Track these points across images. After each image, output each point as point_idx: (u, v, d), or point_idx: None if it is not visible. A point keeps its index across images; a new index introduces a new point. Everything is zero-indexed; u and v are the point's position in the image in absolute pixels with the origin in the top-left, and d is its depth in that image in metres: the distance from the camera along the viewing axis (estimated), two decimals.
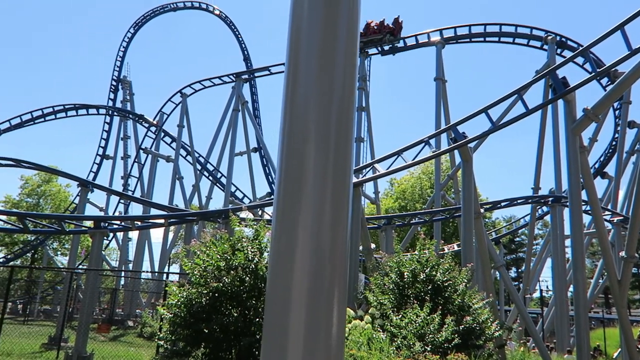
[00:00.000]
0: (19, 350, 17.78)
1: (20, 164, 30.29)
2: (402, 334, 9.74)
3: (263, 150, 40.97)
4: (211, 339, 8.83)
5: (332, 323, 1.55)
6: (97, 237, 18.32)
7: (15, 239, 48.99)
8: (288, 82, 1.71)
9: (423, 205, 42.33)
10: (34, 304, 41.15)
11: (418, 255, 12.24)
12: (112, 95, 46.89)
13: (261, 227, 9.74)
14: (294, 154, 1.63)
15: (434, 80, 32.85)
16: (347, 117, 1.68)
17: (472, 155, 18.50)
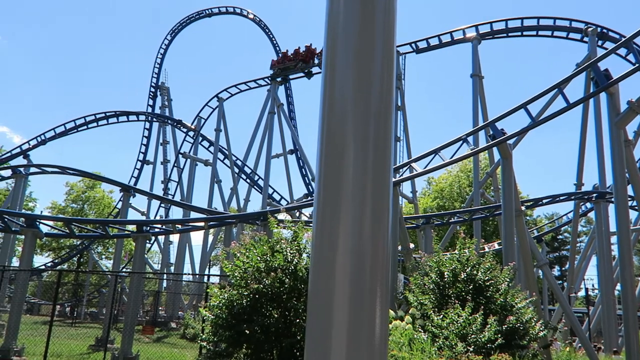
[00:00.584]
0: (68, 351, 18.33)
1: (65, 170, 31.22)
2: (443, 334, 9.64)
3: (299, 152, 41.14)
4: (252, 340, 8.91)
5: (375, 323, 1.55)
6: (140, 241, 18.72)
7: (62, 243, 50.61)
8: (326, 84, 1.72)
9: (462, 204, 41.75)
10: (80, 307, 42.32)
11: (458, 254, 12.09)
12: (151, 101, 47.94)
13: (299, 228, 9.78)
14: (333, 155, 1.64)
15: (470, 77, 32.38)
16: (386, 117, 1.68)
17: (511, 152, 18.15)
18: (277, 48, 45.87)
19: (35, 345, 17.71)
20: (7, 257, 27.03)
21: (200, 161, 41.03)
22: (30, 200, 50.81)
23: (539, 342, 12.00)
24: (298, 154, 41.79)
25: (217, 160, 39.93)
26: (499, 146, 17.89)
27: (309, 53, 37.36)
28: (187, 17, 48.11)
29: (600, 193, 24.27)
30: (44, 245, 50.63)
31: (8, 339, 16.28)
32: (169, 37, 48.51)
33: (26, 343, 17.35)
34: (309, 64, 37.57)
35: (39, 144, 39.35)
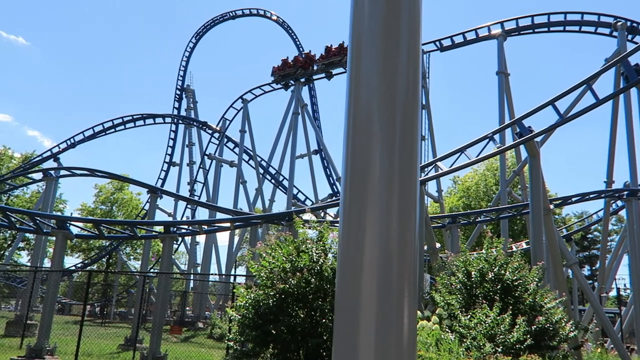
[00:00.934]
0: (99, 350, 18.65)
1: (94, 173, 31.78)
2: (471, 334, 9.54)
3: (323, 152, 41.15)
4: (279, 340, 8.94)
5: (403, 323, 1.54)
6: (167, 242, 18.94)
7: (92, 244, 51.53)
8: (351, 84, 1.72)
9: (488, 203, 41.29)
10: (110, 307, 43.04)
11: (485, 254, 11.95)
12: (177, 104, 48.52)
13: (325, 228, 9.78)
14: (359, 155, 1.63)
15: (496, 74, 31.99)
16: (412, 115, 1.67)
17: (539, 150, 17.88)
18: (300, 49, 45.98)
19: (66, 345, 18.06)
20: (39, 258, 27.64)
21: (226, 162, 41.36)
22: (60, 202, 51.84)
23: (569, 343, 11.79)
24: (322, 154, 41.82)
25: (242, 161, 40.20)
26: (526, 144, 17.64)
27: (307, 60, 38.42)
28: (212, 20, 48.57)
29: (631, 191, 23.76)
30: (74, 247, 51.63)
31: (41, 338, 16.64)
32: (194, 40, 49.04)
33: (58, 342, 17.70)
34: (308, 70, 38.51)
35: (68, 147, 40.13)
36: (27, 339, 19.97)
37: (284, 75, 39.05)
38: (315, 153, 41.40)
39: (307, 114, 39.24)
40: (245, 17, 47.49)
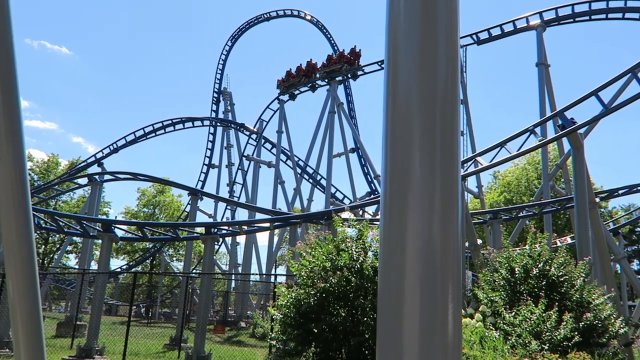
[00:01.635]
0: (145, 350, 19.09)
1: (136, 177, 32.51)
2: (516, 332, 9.36)
3: (360, 150, 41.03)
4: (321, 339, 8.97)
5: (448, 321, 1.52)
6: (208, 243, 19.23)
7: (136, 247, 52.77)
8: (388, 81, 1.71)
9: (531, 198, 40.41)
10: (155, 307, 43.98)
11: (529, 249, 11.71)
12: (215, 107, 49.20)
13: (364, 226, 9.77)
14: (399, 153, 1.62)
15: (535, 65, 31.27)
16: (452, 111, 1.65)
17: (582, 142, 17.41)
18: (334, 47, 45.97)
19: (114, 344, 18.55)
20: (86, 261, 28.46)
21: (264, 163, 41.71)
22: (105, 206, 53.29)
23: (619, 340, 11.45)
24: (359, 152, 41.71)
25: (280, 162, 40.46)
26: (569, 136, 17.19)
27: (310, 68, 39.89)
28: (246, 23, 49.05)
29: None
30: (119, 249, 52.96)
31: (90, 338, 17.13)
32: (230, 44, 49.62)
33: (106, 342, 18.20)
34: (312, 77, 39.81)
35: (111, 152, 41.17)
36: (77, 339, 20.60)
37: (289, 85, 40.45)
38: (352, 151, 41.32)
39: (344, 113, 39.19)
40: (279, 18, 47.79)
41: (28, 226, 4.40)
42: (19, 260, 4.35)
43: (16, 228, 4.25)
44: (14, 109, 4.02)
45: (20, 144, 4.16)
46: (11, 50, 3.96)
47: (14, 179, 4.16)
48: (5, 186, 4.20)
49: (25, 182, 4.35)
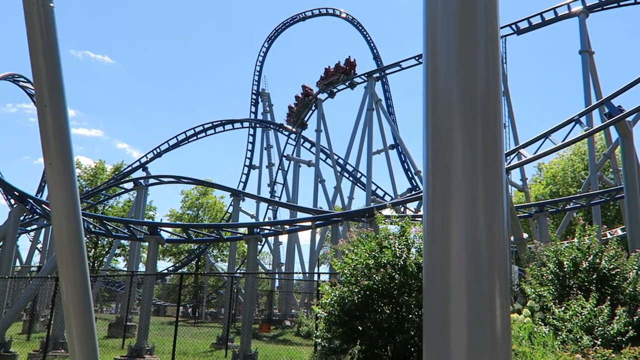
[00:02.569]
0: (193, 349, 19.46)
1: (180, 180, 33.15)
2: (566, 327, 9.13)
3: (400, 146, 40.69)
4: (366, 336, 8.96)
5: (496, 316, 1.50)
6: (251, 243, 19.43)
7: (181, 248, 53.80)
8: (428, 75, 1.69)
9: (578, 189, 39.29)
10: (201, 307, 44.76)
11: (577, 242, 11.40)
12: (254, 108, 49.68)
13: (406, 223, 9.70)
14: (441, 147, 1.60)
15: (579, 53, 30.36)
16: (494, 103, 1.62)
17: (631, 130, 16.83)
18: (371, 44, 45.77)
19: (163, 344, 18.97)
20: (134, 263, 29.20)
21: (303, 162, 41.88)
22: (150, 209, 54.52)
23: None
24: (399, 149, 41.38)
25: (320, 160, 40.53)
26: (617, 124, 16.65)
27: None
28: (282, 23, 49.31)
29: None
30: (165, 251, 54.10)
31: (140, 338, 17.58)
32: (266, 45, 50.00)
33: (155, 342, 18.63)
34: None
35: (155, 157, 42.07)
36: (127, 339, 21.16)
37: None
38: (392, 148, 41.03)
39: (382, 109, 38.95)
40: (315, 17, 47.85)
41: (79, 231, 4.55)
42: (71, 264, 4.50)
43: (68, 233, 4.39)
44: (63, 118, 4.17)
45: (69, 151, 4.30)
46: (58, 63, 4.10)
47: (65, 184, 4.30)
48: (56, 192, 4.35)
49: (75, 188, 4.49)
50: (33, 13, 3.71)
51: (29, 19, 3.77)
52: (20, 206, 21.34)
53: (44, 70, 3.82)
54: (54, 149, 4.14)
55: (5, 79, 33.10)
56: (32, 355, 17.23)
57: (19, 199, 21.76)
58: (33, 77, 4.31)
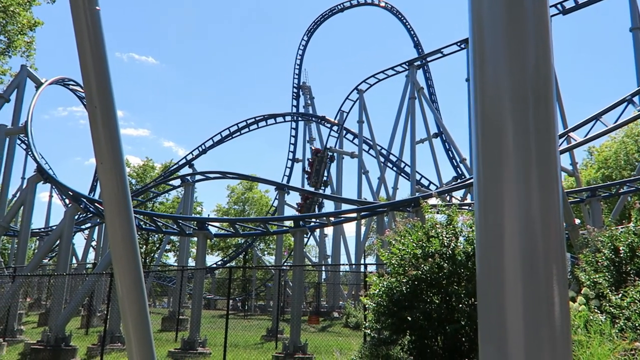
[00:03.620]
0: (244, 341, 19.81)
1: (225, 175, 33.64)
2: (624, 315, 8.81)
3: (444, 134, 40.13)
4: (415, 327, 8.90)
5: (554, 305, 1.46)
6: (298, 235, 19.57)
7: (229, 242, 54.72)
8: (475, 60, 1.65)
9: (632, 172, 37.85)
10: (250, 300, 45.44)
11: (634, 226, 10.98)
12: (295, 101, 49.90)
13: (453, 211, 9.57)
14: (491, 134, 1.56)
15: (630, 31, 29.17)
16: (546, 86, 1.57)
17: None
18: (411, 32, 45.22)
19: (215, 337, 19.37)
20: (184, 258, 29.86)
21: (346, 154, 41.79)
22: (198, 205, 55.59)
23: None
24: (443, 137, 40.81)
25: (363, 152, 40.37)
26: None
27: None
28: (321, 16, 49.23)
29: None
30: (214, 246, 55.12)
31: (192, 331, 18.00)
32: (306, 38, 50.05)
33: (207, 335, 19.04)
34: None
35: (200, 154, 42.84)
36: (180, 332, 21.72)
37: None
38: (435, 136, 40.49)
39: (424, 97, 38.46)
40: (354, 7, 47.58)
41: (131, 228, 4.67)
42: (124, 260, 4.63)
43: (121, 230, 4.52)
44: (112, 119, 4.28)
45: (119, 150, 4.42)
46: (106, 65, 4.21)
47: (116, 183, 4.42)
48: (108, 190, 4.48)
49: (126, 186, 4.61)
50: (80, 17, 3.81)
51: (76, 23, 3.87)
52: (74, 205, 22.12)
53: (92, 73, 3.92)
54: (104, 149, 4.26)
55: (56, 83, 34.23)
56: (91, 348, 17.89)
57: (73, 199, 22.55)
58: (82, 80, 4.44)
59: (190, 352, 17.18)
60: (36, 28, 17.96)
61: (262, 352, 18.07)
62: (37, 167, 26.09)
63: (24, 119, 27.97)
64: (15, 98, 28.03)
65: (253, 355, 17.17)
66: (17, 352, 18.69)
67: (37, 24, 17.91)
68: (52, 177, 25.69)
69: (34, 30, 18.02)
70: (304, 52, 50.01)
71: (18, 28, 17.21)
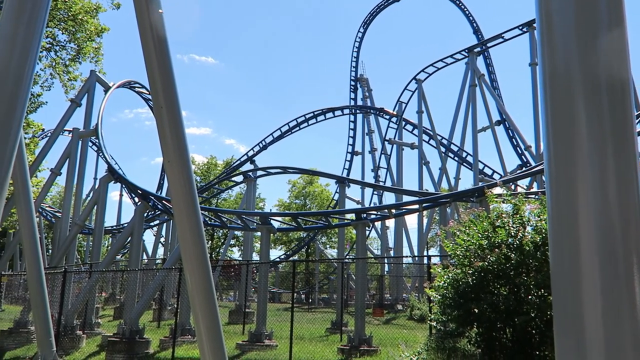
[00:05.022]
0: (309, 334, 20.04)
1: (286, 170, 34.03)
2: None
3: (507, 121, 38.97)
4: (483, 319, 8.73)
5: (635, 294, 1.39)
6: (359, 228, 19.55)
7: (291, 236, 55.40)
8: (543, 47, 1.59)
9: None
10: (313, 294, 45.88)
11: None
12: (353, 94, 49.77)
13: (520, 200, 9.31)
14: (562, 122, 1.51)
15: None
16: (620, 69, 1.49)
17: None
18: (470, 18, 44.13)
19: (281, 329, 19.69)
20: (248, 253, 30.50)
21: (406, 145, 41.33)
22: (260, 201, 56.59)
23: None
24: (506, 124, 39.63)
25: (423, 142, 39.83)
26: None
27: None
28: (377, 7, 48.82)
29: None
30: (276, 240, 55.94)
31: (259, 324, 18.37)
32: (362, 30, 49.77)
33: (273, 328, 19.38)
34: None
35: (261, 150, 43.51)
36: (247, 325, 22.21)
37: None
38: (498, 124, 39.36)
39: (485, 84, 37.47)
40: None
41: (198, 224, 4.83)
42: (193, 255, 4.79)
43: (189, 226, 4.67)
44: (177, 118, 4.42)
45: (185, 149, 4.56)
46: (170, 66, 4.35)
47: (183, 180, 4.57)
48: (176, 188, 4.64)
49: (193, 183, 4.76)
50: (145, 21, 3.95)
51: (141, 27, 4.02)
52: (143, 203, 22.98)
53: (158, 74, 4.07)
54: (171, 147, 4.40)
55: (122, 86, 35.60)
56: (163, 340, 18.60)
57: (142, 197, 23.44)
58: (148, 81, 4.60)
59: (257, 344, 17.55)
60: (103, 34, 18.75)
61: (327, 345, 18.22)
62: (107, 167, 27.28)
63: (95, 122, 29.28)
64: (85, 102, 29.34)
65: (318, 348, 17.34)
66: (96, 344, 19.69)
67: (103, 30, 18.68)
68: (122, 177, 26.80)
69: (101, 36, 18.81)
70: (360, 45, 49.79)
71: (86, 35, 18.03)
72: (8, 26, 3.35)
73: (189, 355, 16.76)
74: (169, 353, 16.62)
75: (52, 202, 60.31)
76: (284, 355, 16.00)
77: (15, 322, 21.17)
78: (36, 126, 20.25)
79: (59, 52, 18.41)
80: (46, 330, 11.49)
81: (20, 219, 11.63)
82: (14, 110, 3.38)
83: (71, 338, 19.40)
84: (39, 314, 11.34)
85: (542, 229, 8.42)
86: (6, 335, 20.49)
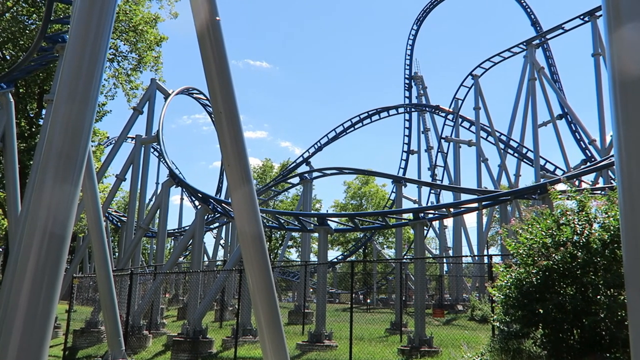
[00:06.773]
0: (368, 335, 19.97)
1: (342, 171, 34.08)
2: None
3: (569, 115, 37.59)
4: (548, 319, 8.46)
5: None
6: (418, 228, 19.34)
7: (348, 237, 55.45)
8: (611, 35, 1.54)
9: None
10: (372, 294, 45.71)
11: None
12: (407, 92, 49.29)
13: (585, 197, 8.96)
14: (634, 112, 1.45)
15: None
16: None
17: None
18: (527, 9, 42.86)
19: (340, 330, 19.71)
20: (306, 253, 30.72)
21: (463, 142, 40.56)
22: (317, 202, 56.95)
23: None
24: (569, 118, 38.21)
25: (481, 139, 39.00)
26: None
27: None
28: (430, 3, 48.20)
29: None
30: (333, 241, 56.14)
31: (318, 324, 18.47)
32: (415, 27, 49.25)
33: (332, 328, 19.43)
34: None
35: (316, 151, 43.77)
36: (306, 325, 22.36)
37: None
38: (560, 118, 38.02)
39: (545, 77, 36.29)
40: None
41: (259, 226, 4.92)
42: (254, 256, 4.88)
43: (249, 228, 4.76)
44: (236, 122, 4.52)
45: (244, 152, 4.66)
46: (228, 72, 4.45)
47: (243, 183, 4.67)
48: (236, 191, 4.73)
49: (252, 186, 4.85)
50: (203, 28, 4.06)
51: (200, 34, 4.14)
52: (204, 206, 23.55)
53: (216, 80, 4.17)
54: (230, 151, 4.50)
55: (181, 93, 36.62)
56: (225, 340, 18.99)
57: (202, 200, 24.03)
58: (208, 87, 4.73)
59: (317, 344, 17.64)
60: (162, 43, 19.40)
61: (387, 345, 18.10)
62: (169, 172, 28.14)
63: (156, 128, 30.25)
64: (147, 109, 30.36)
65: (378, 349, 17.26)
66: (161, 344, 20.33)
67: (162, 39, 19.33)
68: (183, 181, 27.56)
69: (160, 45, 19.49)
70: (414, 42, 49.27)
71: (146, 45, 18.71)
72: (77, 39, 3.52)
73: (251, 355, 17.04)
74: (231, 353, 16.94)
75: (117, 206, 62.74)
76: (344, 355, 16.01)
77: (86, 322, 22.15)
78: (102, 134, 21.17)
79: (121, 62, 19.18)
80: (115, 330, 11.98)
81: (89, 223, 12.18)
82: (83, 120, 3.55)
83: (138, 338, 20.10)
84: (109, 315, 11.83)
85: (611, 226, 8.07)
86: (78, 334, 21.47)
